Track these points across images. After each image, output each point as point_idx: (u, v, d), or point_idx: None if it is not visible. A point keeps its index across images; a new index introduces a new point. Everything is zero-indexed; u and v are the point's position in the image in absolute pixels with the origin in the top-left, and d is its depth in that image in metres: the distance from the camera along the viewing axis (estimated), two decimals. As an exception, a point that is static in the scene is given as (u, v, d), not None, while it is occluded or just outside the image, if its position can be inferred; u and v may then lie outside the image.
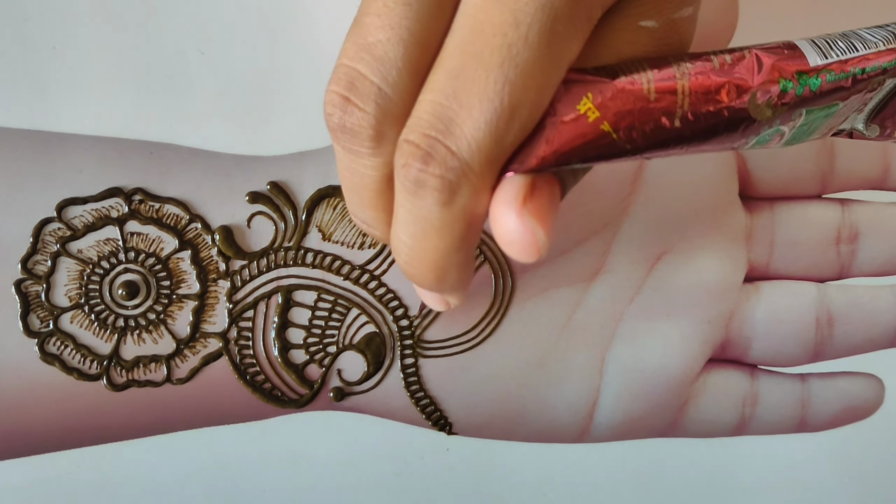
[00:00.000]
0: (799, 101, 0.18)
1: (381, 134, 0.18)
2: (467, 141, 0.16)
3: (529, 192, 0.17)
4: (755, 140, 0.19)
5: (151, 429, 0.26)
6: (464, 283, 0.20)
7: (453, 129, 0.16)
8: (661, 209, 0.26)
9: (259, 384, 0.25)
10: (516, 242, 0.17)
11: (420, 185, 0.17)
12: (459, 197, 0.17)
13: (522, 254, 0.17)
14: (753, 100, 0.18)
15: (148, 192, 0.25)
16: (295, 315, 0.25)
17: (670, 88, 0.17)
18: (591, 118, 0.17)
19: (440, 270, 0.19)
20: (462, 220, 0.17)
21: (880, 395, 0.28)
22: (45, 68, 0.35)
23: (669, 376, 0.26)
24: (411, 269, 0.19)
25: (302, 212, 0.26)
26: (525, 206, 0.17)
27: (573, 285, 0.26)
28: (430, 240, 0.18)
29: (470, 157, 0.16)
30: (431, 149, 0.17)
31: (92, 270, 0.25)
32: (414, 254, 0.18)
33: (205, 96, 0.36)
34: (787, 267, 0.27)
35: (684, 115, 0.17)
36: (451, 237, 0.18)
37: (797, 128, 0.19)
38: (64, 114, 0.35)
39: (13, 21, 0.34)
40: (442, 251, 0.18)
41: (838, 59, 0.19)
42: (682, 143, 0.18)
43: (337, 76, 0.18)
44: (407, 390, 0.26)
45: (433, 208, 0.17)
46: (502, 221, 0.17)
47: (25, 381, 0.24)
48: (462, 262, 0.19)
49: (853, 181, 0.27)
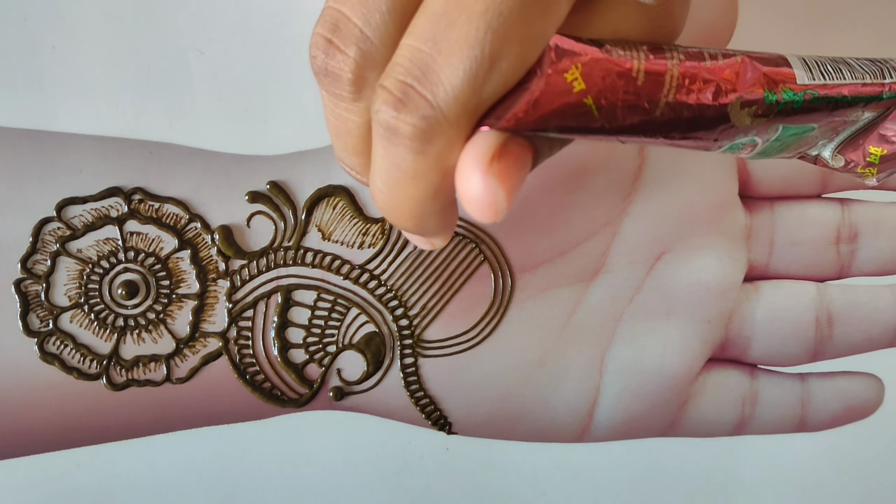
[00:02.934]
0: (778, 116, 0.19)
1: (361, 78, 0.17)
2: (444, 88, 0.16)
3: (499, 151, 0.17)
4: (728, 146, 0.19)
5: (151, 428, 0.26)
6: (445, 227, 0.19)
7: (430, 76, 0.16)
8: (660, 209, 0.26)
9: (259, 384, 0.25)
10: (475, 200, 0.17)
11: (392, 131, 0.16)
12: (432, 146, 0.16)
13: (480, 213, 0.17)
14: (736, 105, 0.18)
15: (147, 192, 0.25)
16: (294, 314, 0.25)
17: (659, 75, 0.17)
18: (577, 89, 0.17)
19: (418, 217, 0.18)
20: (435, 169, 0.17)
21: (880, 395, 0.28)
22: (45, 68, 0.34)
23: (669, 376, 0.26)
24: (389, 216, 0.18)
25: (302, 211, 0.26)
26: (492, 165, 0.16)
27: (573, 285, 0.26)
28: (405, 188, 0.17)
29: (445, 105, 0.16)
30: (405, 95, 0.16)
31: (91, 270, 0.25)
32: (390, 200, 0.18)
33: (204, 96, 0.36)
34: (786, 267, 0.27)
35: (667, 105, 0.17)
36: (426, 186, 0.17)
37: (770, 142, 0.19)
38: (64, 114, 0.35)
39: (13, 21, 0.34)
40: (417, 199, 0.18)
41: (824, 81, 0.19)
42: (658, 133, 0.18)
43: (323, 18, 0.17)
44: (406, 390, 0.26)
45: (406, 156, 0.17)
46: (466, 176, 0.17)
47: (25, 380, 0.24)
48: (439, 209, 0.18)
49: (853, 181, 0.27)
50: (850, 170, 0.21)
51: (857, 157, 0.21)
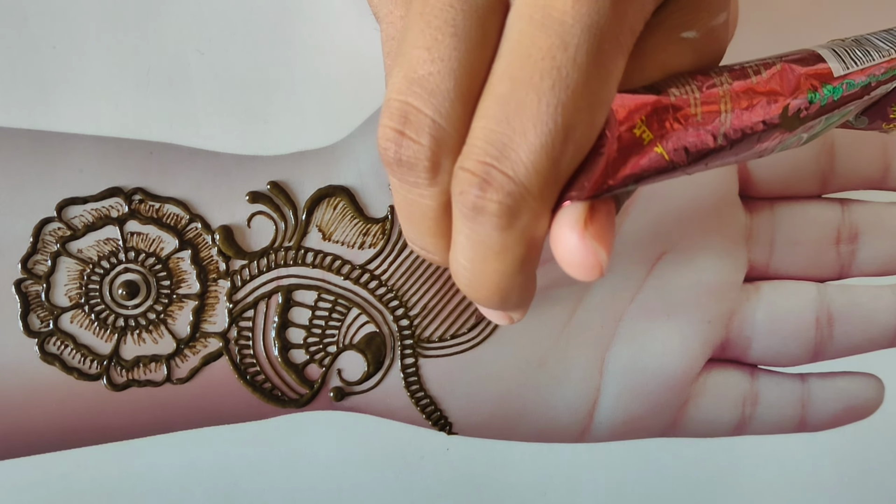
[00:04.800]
0: (822, 111, 0.19)
1: (437, 165, 0.18)
2: (524, 165, 0.16)
3: (590, 215, 0.17)
4: (780, 148, 0.19)
5: (151, 428, 0.26)
6: (525, 300, 0.20)
7: (508, 154, 0.16)
8: (661, 209, 0.26)
9: (259, 384, 0.25)
10: (579, 264, 0.17)
11: (478, 211, 0.17)
12: (519, 220, 0.17)
13: (585, 274, 0.17)
14: (785, 112, 0.18)
15: (148, 192, 0.25)
16: (295, 315, 0.25)
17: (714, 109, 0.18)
18: (646, 140, 0.17)
19: (502, 292, 0.19)
20: (522, 243, 0.18)
21: (880, 395, 0.28)
22: (45, 68, 0.34)
23: (669, 376, 0.26)
24: (473, 293, 0.19)
25: (302, 211, 0.26)
26: (586, 230, 0.17)
27: (573, 285, 0.26)
28: (491, 264, 0.18)
29: (528, 180, 0.17)
30: (487, 175, 0.17)
31: (92, 270, 0.25)
32: (475, 278, 0.19)
33: (205, 96, 0.36)
34: (787, 267, 0.27)
35: (727, 133, 0.18)
36: (512, 260, 0.18)
37: (814, 130, 0.20)
38: (64, 114, 0.35)
39: (13, 21, 0.34)
40: (502, 274, 0.18)
41: (857, 68, 0.19)
42: (721, 157, 0.18)
43: (389, 111, 0.18)
44: (407, 390, 0.26)
45: (492, 233, 0.17)
46: (565, 245, 0.17)
47: (25, 380, 0.24)
48: (523, 282, 0.19)
49: (853, 181, 0.27)
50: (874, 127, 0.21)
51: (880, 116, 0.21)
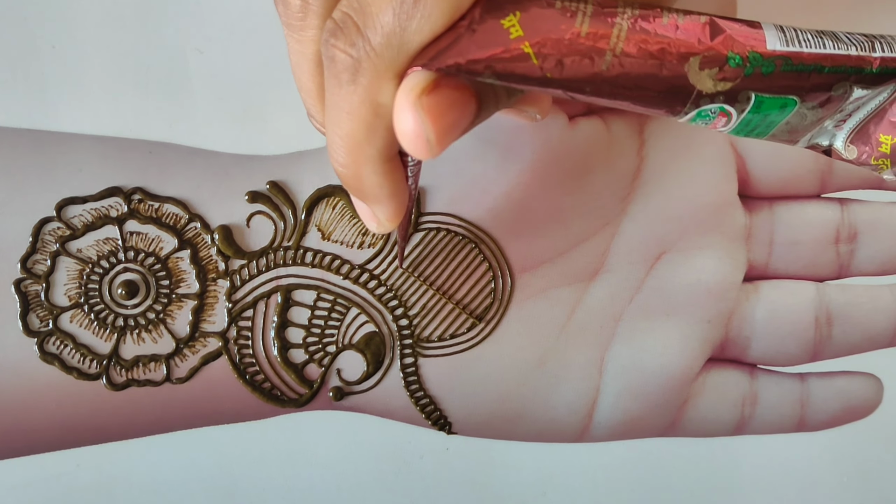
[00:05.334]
0: (746, 82, 0.18)
1: (307, 4, 0.18)
2: (374, 21, 0.17)
3: (429, 87, 0.17)
4: (695, 113, 0.18)
5: (151, 428, 0.26)
6: (385, 191, 0.20)
7: (365, 9, 0.17)
8: (660, 209, 0.26)
9: (258, 384, 0.25)
10: (405, 133, 0.17)
11: (331, 59, 0.18)
12: (361, 76, 0.17)
13: (410, 146, 0.18)
14: (695, 65, 0.17)
15: (147, 192, 0.25)
16: (294, 314, 0.25)
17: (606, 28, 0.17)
18: (514, 35, 0.17)
19: (356, 165, 0.19)
20: (367, 103, 0.18)
21: (879, 395, 0.28)
22: (45, 68, 0.35)
23: (669, 376, 0.26)
24: (333, 163, 0.19)
25: (301, 211, 0.26)
26: (420, 99, 0.17)
27: (572, 285, 0.26)
28: (343, 125, 0.18)
29: (373, 37, 0.17)
30: (343, 24, 0.17)
31: (91, 270, 0.25)
32: (332, 143, 0.19)
33: (204, 96, 0.36)
34: (786, 266, 0.27)
35: (615, 60, 0.17)
36: (360, 122, 0.18)
37: (747, 114, 0.18)
38: (63, 113, 0.35)
39: (13, 21, 0.34)
40: (353, 139, 0.18)
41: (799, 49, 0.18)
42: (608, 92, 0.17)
43: None
44: (406, 390, 0.26)
45: (341, 87, 0.18)
46: (397, 110, 0.17)
47: (25, 380, 0.24)
48: (375, 158, 0.19)
49: (852, 181, 0.27)
50: (864, 162, 0.20)
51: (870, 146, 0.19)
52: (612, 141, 0.26)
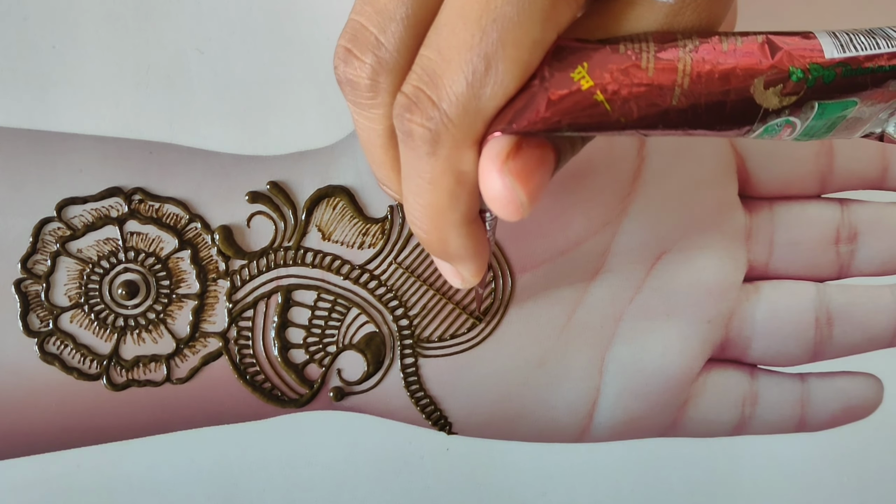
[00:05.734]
0: (810, 94, 0.18)
1: (377, 84, 0.18)
2: (447, 92, 0.17)
3: (514, 150, 0.17)
4: (762, 129, 0.18)
5: (151, 428, 0.26)
6: (469, 252, 0.20)
7: (437, 81, 0.17)
8: (660, 209, 0.26)
9: (259, 384, 0.25)
10: (496, 199, 0.18)
11: (407, 134, 0.18)
12: (441, 147, 0.17)
13: (503, 211, 0.18)
14: (760, 86, 0.18)
15: (148, 192, 0.25)
16: (295, 315, 0.25)
17: (670, 65, 0.17)
18: (585, 87, 0.17)
19: (439, 231, 0.19)
20: (449, 173, 0.18)
21: (879, 395, 0.28)
22: (45, 68, 0.34)
23: (669, 376, 0.26)
24: (415, 230, 0.20)
25: (302, 211, 0.26)
26: (506, 164, 0.17)
27: (573, 285, 0.26)
28: (424, 195, 0.18)
29: (449, 107, 0.17)
30: (416, 98, 0.17)
31: (92, 270, 0.25)
32: (413, 211, 0.19)
33: (204, 96, 0.36)
34: (786, 267, 0.27)
35: (683, 95, 0.17)
36: (442, 191, 0.18)
37: (810, 121, 0.19)
38: (64, 114, 0.35)
39: (13, 21, 0.34)
40: (436, 208, 0.19)
41: (856, 53, 0.18)
42: (680, 124, 0.18)
43: (345, 29, 0.18)
44: (407, 390, 0.26)
45: (420, 158, 0.18)
46: (485, 177, 0.18)
47: (25, 380, 0.24)
48: (459, 223, 0.19)
49: (852, 181, 0.27)
50: None
51: None
52: (613, 142, 0.26)
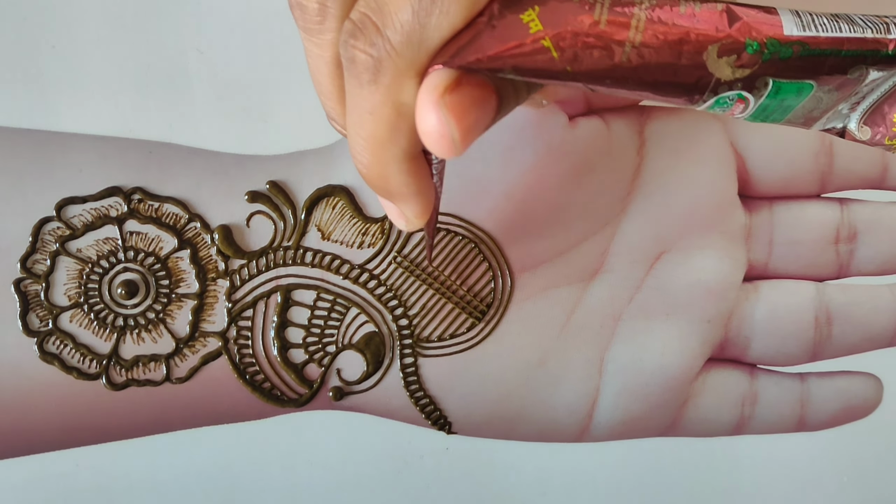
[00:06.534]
0: (764, 68, 0.18)
1: (325, 8, 0.18)
2: (392, 19, 0.17)
3: (452, 85, 0.17)
4: (714, 100, 0.18)
5: (151, 428, 0.26)
6: (411, 189, 0.20)
7: (383, 8, 0.17)
8: (659, 209, 0.26)
9: (258, 383, 0.25)
10: (429, 133, 0.17)
11: (351, 60, 0.17)
12: (382, 76, 0.17)
13: (435, 146, 0.17)
14: (713, 53, 0.17)
15: (147, 192, 0.25)
16: (294, 314, 0.25)
17: (624, 19, 0.17)
18: (533, 30, 0.17)
19: (380, 166, 0.19)
20: (389, 104, 0.18)
21: (879, 395, 0.28)
22: (45, 68, 0.35)
23: (669, 376, 0.26)
24: (357, 164, 0.19)
25: (301, 211, 0.26)
26: (442, 98, 0.17)
27: (572, 285, 0.26)
28: (365, 125, 0.18)
29: (392, 35, 0.17)
30: (362, 24, 0.17)
31: (91, 269, 0.25)
32: (355, 144, 0.19)
33: (204, 96, 0.36)
34: (786, 266, 0.27)
35: (634, 50, 0.17)
36: (382, 122, 0.18)
37: (764, 99, 0.18)
38: (63, 113, 0.35)
39: (13, 21, 0.34)
40: (377, 140, 0.18)
41: (816, 33, 0.18)
42: (628, 82, 0.17)
43: None
44: (406, 390, 0.26)
45: (363, 86, 0.18)
46: (420, 110, 0.17)
47: (25, 380, 0.24)
48: (400, 157, 0.19)
49: (852, 181, 0.27)
50: (878, 142, 0.20)
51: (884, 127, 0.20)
52: (613, 141, 0.26)
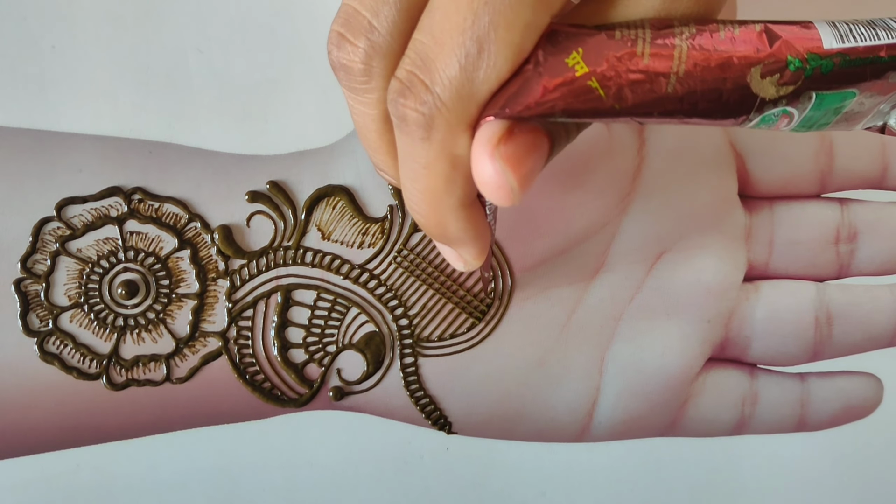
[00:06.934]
0: (807, 84, 0.18)
1: (370, 68, 0.18)
2: (440, 76, 0.17)
3: (505, 135, 0.17)
4: (759, 119, 0.18)
5: (151, 428, 0.26)
6: (468, 234, 0.20)
7: (430, 65, 0.17)
8: (660, 208, 0.26)
9: (258, 383, 0.25)
10: (487, 184, 0.17)
11: (402, 119, 0.18)
12: (435, 132, 0.17)
13: (493, 196, 0.18)
14: (756, 75, 0.17)
15: (147, 192, 0.25)
16: (294, 314, 0.25)
17: (666, 51, 0.17)
18: (579, 72, 0.17)
19: (438, 215, 0.19)
20: (443, 158, 0.18)
21: (879, 395, 0.28)
22: (45, 68, 0.35)
23: (669, 376, 0.26)
24: (414, 214, 0.20)
25: (301, 211, 0.26)
26: (497, 149, 0.17)
27: (573, 285, 0.26)
28: (420, 179, 0.18)
29: (442, 91, 0.17)
30: (410, 83, 0.17)
31: (91, 269, 0.25)
32: (411, 197, 0.19)
33: (204, 95, 0.36)
34: (786, 266, 0.27)
35: (679, 82, 0.17)
36: (438, 176, 0.18)
37: (808, 111, 0.19)
38: (63, 113, 0.35)
39: (13, 21, 0.34)
40: (433, 192, 0.19)
41: (856, 44, 0.18)
42: (675, 112, 0.17)
43: (338, 14, 0.18)
44: (406, 389, 0.26)
45: (415, 143, 0.18)
46: (476, 162, 0.17)
47: (25, 380, 0.24)
48: (456, 206, 0.19)
49: (852, 181, 0.27)
50: None
51: None
52: (613, 141, 0.26)
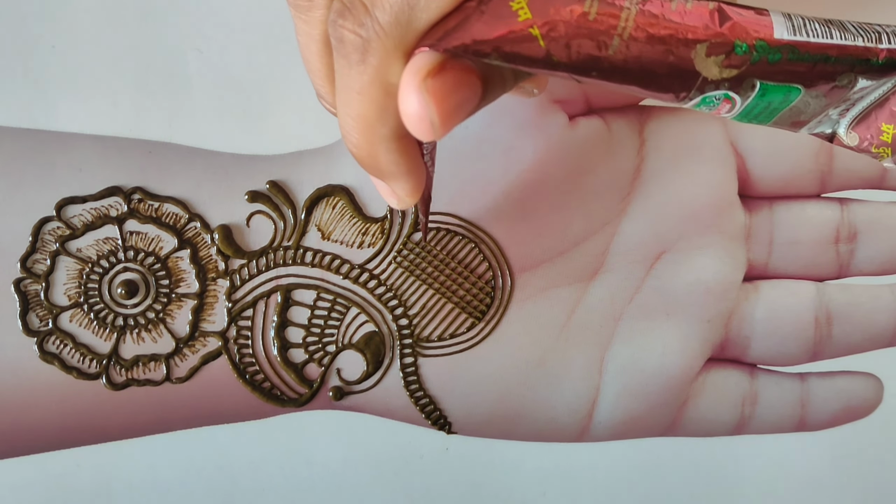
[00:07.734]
0: (752, 70, 0.18)
1: None
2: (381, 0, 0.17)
3: (435, 69, 0.17)
4: (700, 98, 0.18)
5: (151, 428, 0.26)
6: (401, 168, 0.20)
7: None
8: (659, 208, 0.26)
9: (258, 383, 0.25)
10: (409, 115, 0.17)
11: (340, 40, 0.18)
12: (371, 56, 0.17)
13: (414, 128, 0.17)
14: (702, 52, 0.17)
15: (147, 191, 0.25)
16: (294, 314, 0.25)
17: (614, 12, 0.17)
18: (522, 17, 0.17)
19: (370, 145, 0.19)
20: (377, 85, 0.18)
21: (879, 395, 0.28)
22: (45, 67, 0.35)
23: (669, 376, 0.26)
24: (347, 143, 0.19)
25: (301, 211, 0.26)
26: (425, 81, 0.17)
27: (572, 285, 0.26)
28: (354, 105, 0.18)
29: (381, 15, 0.17)
30: (351, 4, 0.17)
31: (91, 269, 0.25)
32: (345, 124, 0.19)
33: (204, 95, 0.36)
34: (786, 266, 0.27)
35: (622, 45, 0.17)
36: (371, 102, 0.18)
37: (751, 101, 0.18)
38: (63, 112, 0.35)
39: (12, 21, 0.34)
40: (366, 120, 0.18)
41: (806, 38, 0.18)
42: (614, 75, 0.17)
43: None
44: (406, 389, 0.26)
45: (351, 66, 0.18)
46: (402, 91, 0.17)
47: (25, 380, 0.24)
48: (388, 137, 0.19)
49: (852, 180, 0.27)
50: (865, 149, 0.20)
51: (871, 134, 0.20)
52: (612, 141, 0.26)
